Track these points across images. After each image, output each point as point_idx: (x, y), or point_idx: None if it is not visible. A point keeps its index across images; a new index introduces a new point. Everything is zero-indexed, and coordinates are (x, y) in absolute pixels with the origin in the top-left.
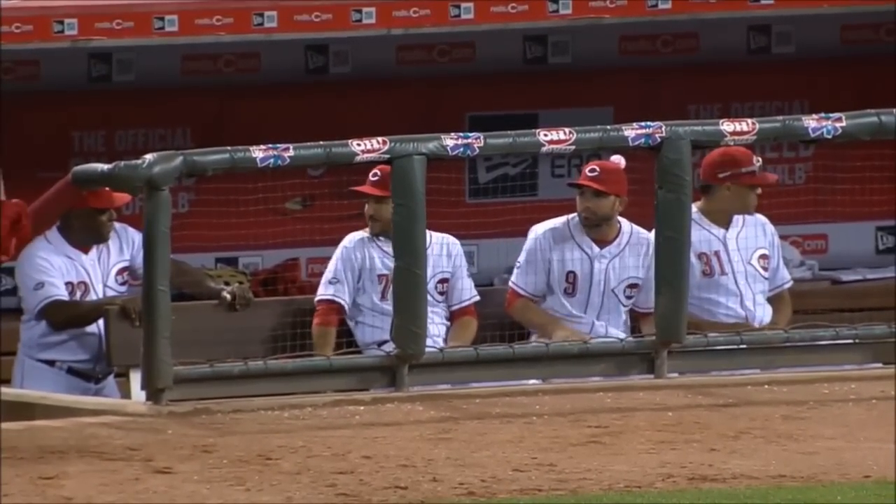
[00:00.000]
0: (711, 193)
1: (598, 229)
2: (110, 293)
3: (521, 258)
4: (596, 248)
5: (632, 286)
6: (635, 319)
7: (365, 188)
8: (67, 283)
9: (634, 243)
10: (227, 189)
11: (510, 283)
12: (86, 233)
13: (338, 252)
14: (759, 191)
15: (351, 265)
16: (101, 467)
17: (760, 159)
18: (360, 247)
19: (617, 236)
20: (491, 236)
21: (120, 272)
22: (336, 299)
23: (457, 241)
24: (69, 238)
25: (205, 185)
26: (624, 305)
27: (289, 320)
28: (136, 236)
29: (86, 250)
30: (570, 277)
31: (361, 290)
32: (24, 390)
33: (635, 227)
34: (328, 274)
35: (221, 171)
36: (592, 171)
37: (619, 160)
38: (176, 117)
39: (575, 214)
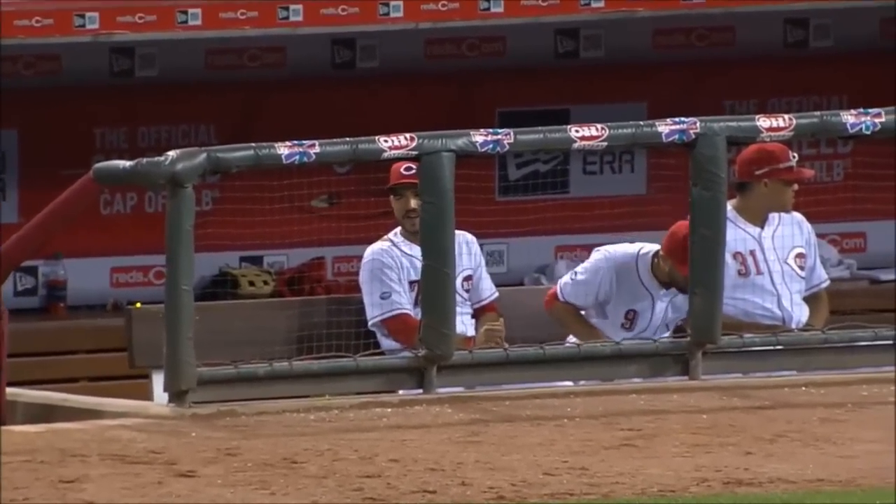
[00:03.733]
0: (747, 191)
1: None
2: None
3: (580, 273)
4: (661, 291)
5: (682, 320)
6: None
7: (407, 179)
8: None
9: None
10: (252, 186)
11: (559, 284)
12: None
13: (368, 268)
14: (796, 187)
15: (388, 275)
16: (123, 470)
17: (797, 155)
18: (387, 255)
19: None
20: (521, 234)
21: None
22: (402, 311)
23: (473, 238)
24: None
25: (229, 183)
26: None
27: (315, 320)
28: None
29: None
30: (630, 315)
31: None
32: (45, 392)
33: None
34: (373, 294)
35: (246, 168)
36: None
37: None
38: (200, 113)
39: (647, 251)
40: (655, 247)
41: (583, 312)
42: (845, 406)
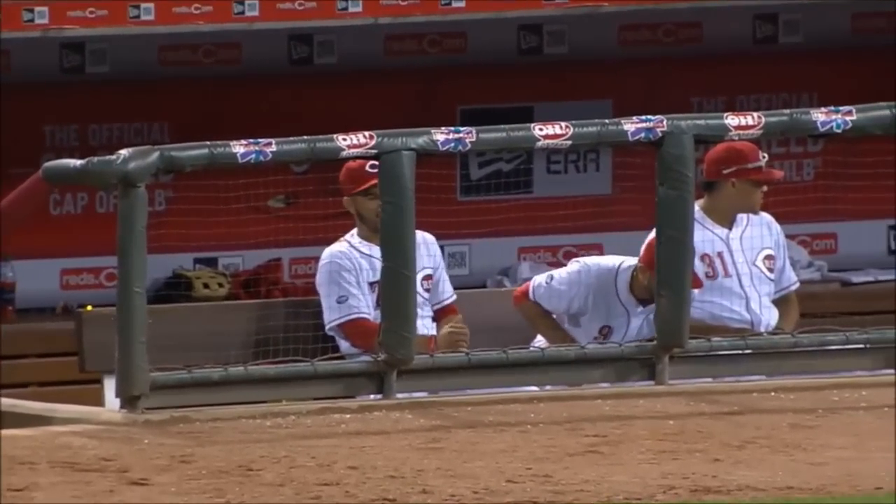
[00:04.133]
0: (715, 191)
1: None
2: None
3: (557, 281)
4: (639, 308)
5: None
6: None
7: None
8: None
9: None
10: (207, 186)
11: (532, 283)
12: None
13: (325, 270)
14: (765, 188)
15: (346, 278)
16: (74, 478)
17: (766, 155)
18: (344, 257)
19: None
20: (483, 235)
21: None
22: (359, 315)
23: (432, 237)
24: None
25: (183, 182)
26: None
27: (271, 324)
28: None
29: None
30: (605, 330)
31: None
32: None
33: None
34: (330, 298)
35: (200, 168)
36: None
37: None
38: (152, 111)
39: (627, 266)
40: (634, 261)
41: (553, 316)
42: (816, 412)
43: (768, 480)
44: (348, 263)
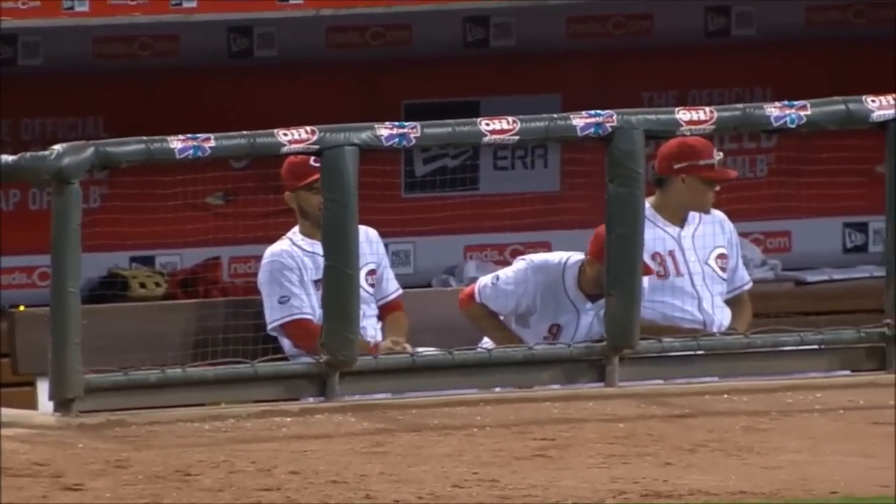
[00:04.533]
0: (665, 187)
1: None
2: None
3: (503, 281)
4: (588, 304)
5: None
6: None
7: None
8: None
9: None
10: (143, 182)
11: (478, 285)
12: None
13: (267, 269)
14: (718, 188)
15: (288, 277)
16: (6, 484)
17: (722, 154)
18: (287, 256)
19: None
20: (429, 233)
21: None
22: (301, 316)
23: (375, 231)
24: None
25: (118, 179)
26: None
27: (210, 324)
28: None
29: None
30: (554, 329)
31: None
32: None
33: None
34: (272, 298)
35: (136, 163)
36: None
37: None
38: (87, 105)
39: (575, 261)
40: (581, 256)
41: (501, 317)
42: (769, 414)
43: (721, 485)
44: (291, 262)
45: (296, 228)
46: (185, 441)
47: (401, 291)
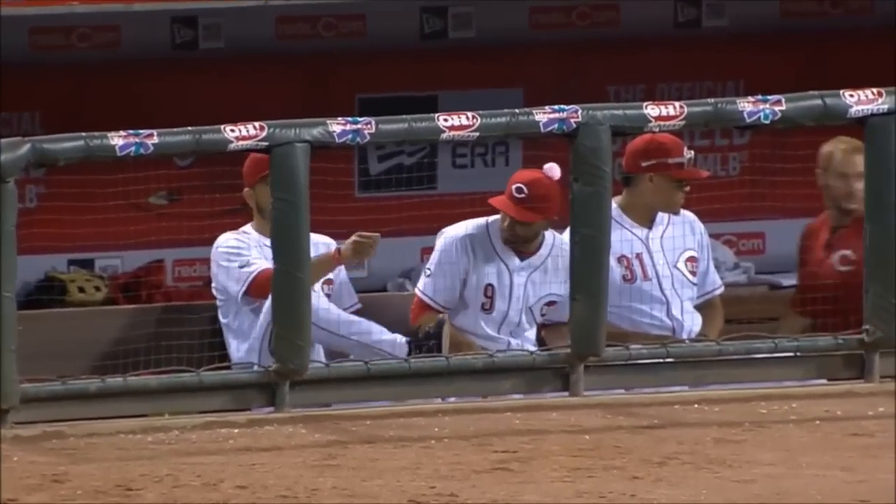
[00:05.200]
0: (632, 186)
1: (521, 245)
2: None
3: (431, 263)
4: (517, 261)
5: (550, 304)
6: (540, 331)
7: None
8: None
9: (557, 255)
10: (82, 181)
11: (417, 292)
12: None
13: (221, 251)
14: (688, 188)
15: (244, 251)
16: None
17: (693, 152)
18: (243, 238)
19: (540, 247)
20: (384, 235)
21: None
22: (262, 268)
23: (331, 240)
24: None
25: (56, 177)
26: (537, 323)
27: (153, 331)
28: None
29: None
30: (489, 291)
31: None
32: None
33: (559, 236)
34: (230, 271)
35: (75, 161)
36: (519, 191)
37: (553, 171)
38: (22, 99)
39: (496, 219)
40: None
41: (451, 319)
42: (742, 425)
43: (691, 499)
44: (248, 243)
45: (249, 225)
46: (127, 454)
47: (359, 305)
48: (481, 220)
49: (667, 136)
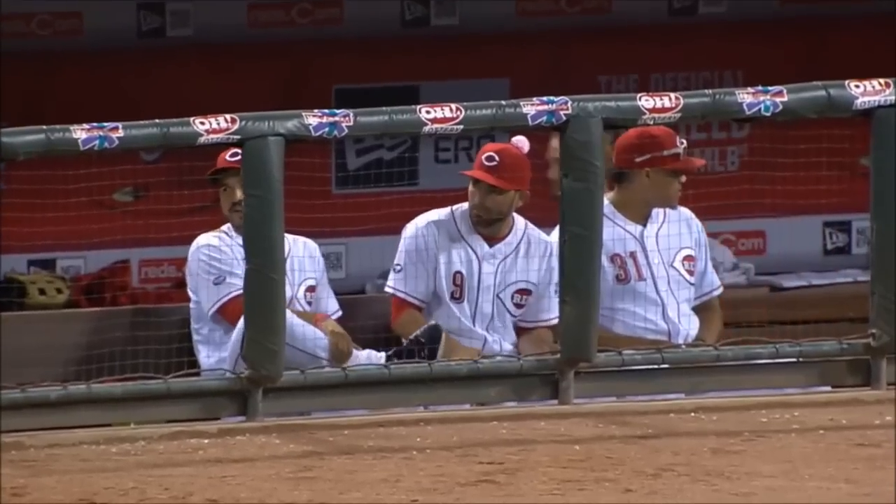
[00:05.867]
0: (626, 182)
1: (490, 227)
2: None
3: (400, 258)
4: (486, 247)
5: (521, 292)
6: (518, 335)
7: (232, 164)
8: None
9: (528, 243)
10: (43, 177)
11: (390, 291)
12: None
13: (196, 257)
14: (684, 179)
15: (222, 260)
16: None
17: (685, 142)
18: (220, 242)
19: (509, 233)
20: (362, 233)
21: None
22: (241, 292)
23: (314, 243)
24: None
25: (15, 172)
26: (512, 316)
27: (118, 335)
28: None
29: None
30: (458, 279)
31: None
32: None
33: (531, 226)
34: (205, 283)
35: (36, 155)
36: (490, 159)
37: (522, 143)
38: None
39: (461, 205)
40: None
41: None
42: (741, 435)
43: None
44: (226, 249)
45: (227, 225)
46: (90, 466)
47: (340, 313)
48: (445, 209)
49: (658, 128)
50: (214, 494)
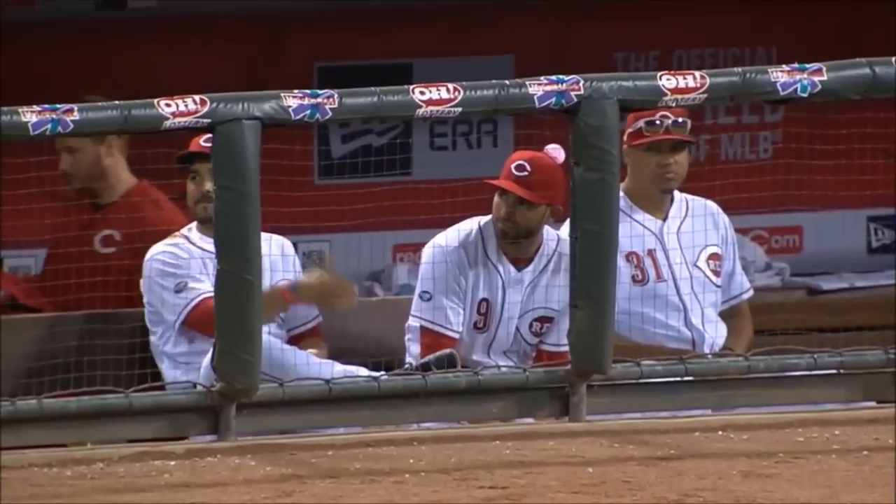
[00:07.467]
0: (628, 167)
1: (516, 245)
2: None
3: (427, 285)
4: (512, 271)
5: (541, 320)
6: (539, 359)
7: (204, 150)
8: None
9: (559, 258)
10: None
11: (421, 324)
12: None
13: (150, 269)
14: (675, 160)
15: (181, 266)
16: None
17: (671, 115)
18: (177, 249)
19: (537, 252)
20: (349, 229)
21: None
22: (205, 295)
23: (289, 242)
24: None
25: None
26: (528, 344)
27: (74, 343)
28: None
29: None
30: (483, 307)
31: None
32: None
33: (563, 239)
34: (165, 294)
35: None
36: (520, 168)
37: (557, 153)
38: None
39: (487, 219)
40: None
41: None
42: (775, 456)
43: None
44: (182, 254)
45: (192, 224)
46: (42, 491)
47: (320, 319)
48: (471, 223)
49: None
50: None
